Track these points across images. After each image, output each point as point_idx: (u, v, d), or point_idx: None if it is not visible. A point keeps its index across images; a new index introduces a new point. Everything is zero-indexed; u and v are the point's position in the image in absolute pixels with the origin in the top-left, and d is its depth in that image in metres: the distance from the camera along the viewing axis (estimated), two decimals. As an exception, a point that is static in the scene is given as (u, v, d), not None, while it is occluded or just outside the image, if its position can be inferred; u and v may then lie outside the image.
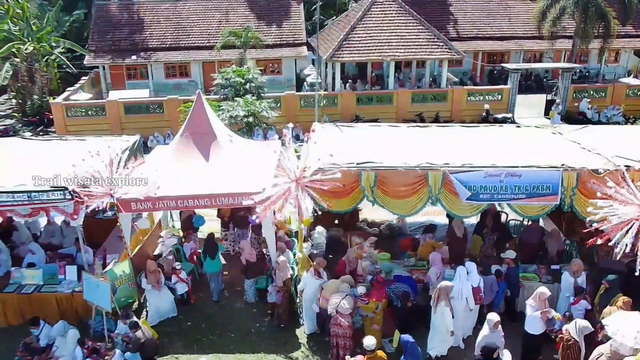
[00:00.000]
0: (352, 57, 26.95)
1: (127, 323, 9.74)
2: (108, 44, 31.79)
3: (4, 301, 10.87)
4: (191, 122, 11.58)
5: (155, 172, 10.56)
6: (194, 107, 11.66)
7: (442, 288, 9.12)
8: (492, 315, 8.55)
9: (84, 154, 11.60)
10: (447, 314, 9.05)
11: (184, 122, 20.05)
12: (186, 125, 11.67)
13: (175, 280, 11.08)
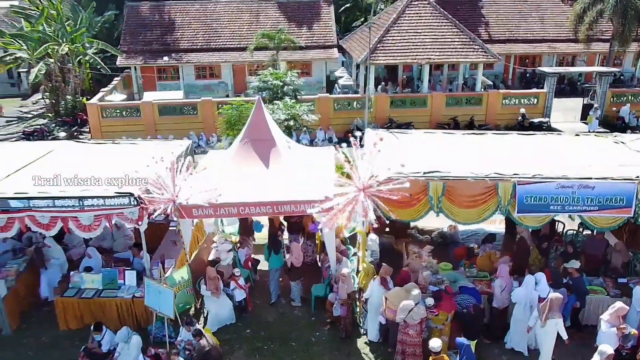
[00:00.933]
0: (386, 59, 26.76)
1: (190, 330, 9.68)
2: (140, 45, 31.99)
3: (64, 305, 10.86)
4: (250, 128, 11.49)
5: (217, 178, 10.45)
6: (253, 113, 11.57)
7: (554, 299, 8.90)
8: (605, 347, 8.21)
9: (141, 158, 11.69)
10: (561, 327, 8.85)
11: (223, 125, 20.37)
12: (245, 132, 11.57)
13: (233, 286, 11.00)
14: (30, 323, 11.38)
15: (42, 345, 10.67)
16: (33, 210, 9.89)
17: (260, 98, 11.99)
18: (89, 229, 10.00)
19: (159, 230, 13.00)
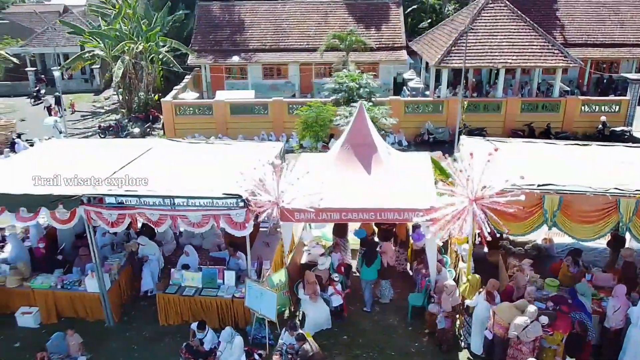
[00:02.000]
0: (461, 62, 26.09)
1: (293, 335, 9.67)
2: (210, 45, 32.59)
3: (166, 301, 11.10)
4: (352, 133, 11.40)
5: (318, 182, 10.40)
6: (355, 117, 11.47)
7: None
8: None
9: (241, 158, 11.83)
10: None
11: (299, 125, 20.44)
12: (347, 136, 11.48)
13: (331, 291, 10.95)
14: (130, 316, 11.70)
15: (145, 339, 10.93)
16: (144, 208, 10.13)
17: (362, 103, 11.88)
18: (198, 226, 10.16)
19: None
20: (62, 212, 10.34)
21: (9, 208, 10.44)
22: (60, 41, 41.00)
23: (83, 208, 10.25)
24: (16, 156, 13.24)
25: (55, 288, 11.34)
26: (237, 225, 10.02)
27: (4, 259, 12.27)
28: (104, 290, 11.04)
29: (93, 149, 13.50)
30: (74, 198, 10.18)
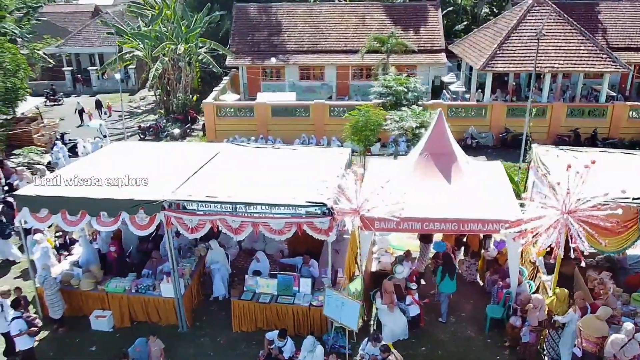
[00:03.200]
0: (506, 67, 25.83)
1: (376, 345, 9.54)
2: (248, 46, 32.62)
3: (240, 308, 11.04)
4: (431, 141, 11.23)
5: (396, 191, 10.21)
6: (434, 125, 11.30)
7: None
8: None
9: (312, 164, 11.74)
10: None
11: (348, 129, 20.25)
12: (426, 144, 11.32)
13: (409, 301, 10.79)
14: (202, 322, 11.66)
15: (220, 346, 10.89)
16: (225, 214, 10.07)
17: (441, 111, 11.67)
18: (280, 233, 10.07)
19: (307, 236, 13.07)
20: (142, 217, 10.33)
21: (90, 212, 10.46)
22: (95, 41, 41.40)
23: (164, 213, 10.22)
24: (84, 159, 13.27)
25: (130, 292, 11.34)
26: (321, 231, 9.91)
27: (75, 261, 12.32)
28: (180, 295, 11.01)
29: (160, 153, 13.50)
30: (156, 203, 10.17)
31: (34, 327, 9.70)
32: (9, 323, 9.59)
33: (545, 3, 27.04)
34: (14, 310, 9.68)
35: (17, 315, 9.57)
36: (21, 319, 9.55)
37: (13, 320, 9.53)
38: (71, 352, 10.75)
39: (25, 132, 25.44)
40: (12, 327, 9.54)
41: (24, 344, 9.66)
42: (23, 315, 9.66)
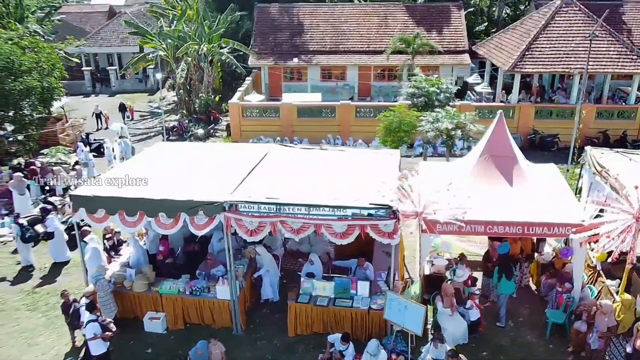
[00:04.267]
0: (536, 68, 25.64)
1: (439, 347, 9.40)
2: (270, 46, 32.51)
3: (297, 311, 10.90)
4: (491, 143, 11.09)
5: (456, 194, 10.05)
6: (494, 128, 11.15)
7: None
8: None
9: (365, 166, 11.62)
10: None
11: (382, 130, 20.11)
12: (485, 146, 11.17)
13: (470, 304, 10.63)
14: (255, 324, 11.53)
15: (277, 349, 10.75)
16: (287, 216, 9.94)
17: (501, 112, 11.52)
18: (342, 236, 9.91)
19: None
20: (201, 218, 10.21)
21: (149, 213, 10.35)
22: (114, 41, 41.40)
23: (224, 215, 10.09)
24: (133, 160, 13.17)
25: (184, 294, 11.21)
26: (385, 234, 9.76)
27: (125, 263, 12.21)
28: (236, 297, 10.88)
29: (206, 153, 13.38)
30: (216, 205, 10.04)
31: (108, 331, 9.56)
32: (85, 326, 9.44)
33: (574, 4, 26.84)
34: (89, 313, 9.54)
35: (92, 319, 9.43)
36: (96, 322, 9.42)
37: (88, 323, 9.39)
38: (126, 354, 10.63)
39: (50, 131, 25.39)
40: (87, 331, 9.39)
41: (98, 349, 9.51)
42: (98, 319, 9.52)
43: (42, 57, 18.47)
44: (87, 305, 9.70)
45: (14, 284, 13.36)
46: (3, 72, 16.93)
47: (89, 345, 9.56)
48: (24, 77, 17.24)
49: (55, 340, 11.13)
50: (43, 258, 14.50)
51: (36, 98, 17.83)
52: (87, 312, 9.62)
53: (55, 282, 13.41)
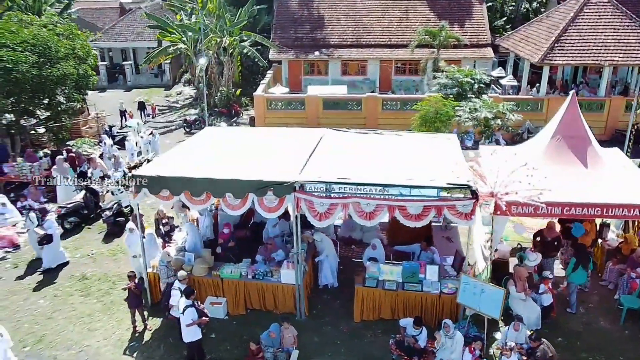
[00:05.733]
0: (565, 60, 25.39)
1: (520, 329, 9.17)
2: (290, 40, 32.23)
3: (365, 296, 10.64)
4: (563, 124, 10.85)
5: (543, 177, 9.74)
6: (567, 109, 10.91)
7: None
8: None
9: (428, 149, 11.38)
10: None
11: (417, 121, 19.86)
12: (558, 128, 10.93)
13: (543, 289, 10.37)
14: (318, 310, 11.27)
15: (345, 334, 10.48)
16: (360, 197, 9.67)
17: (574, 93, 11.29)
18: (417, 219, 9.64)
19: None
20: (270, 199, 9.94)
21: (215, 193, 10.08)
22: (129, 36, 41.13)
23: (294, 195, 9.81)
24: (183, 144, 12.89)
25: (246, 278, 10.94)
26: (461, 215, 9.49)
27: (181, 247, 11.93)
28: (301, 281, 10.61)
29: (258, 137, 13.11)
30: (287, 185, 9.77)
31: (204, 316, 9.25)
32: (182, 312, 9.04)
33: (603, -4, 26.60)
34: (185, 299, 9.20)
35: (189, 304, 9.09)
36: (193, 307, 9.10)
37: (186, 309, 9.01)
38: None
39: (73, 123, 25.07)
40: (185, 317, 9.02)
41: (194, 335, 9.18)
42: (195, 305, 9.21)
43: (77, 44, 18.16)
44: (185, 291, 9.34)
45: (61, 270, 13.05)
46: (41, 58, 16.60)
47: (184, 332, 9.19)
48: (60, 63, 16.92)
49: (115, 325, 10.85)
50: (90, 245, 14.22)
51: (72, 85, 17.50)
52: (184, 297, 9.24)
53: (103, 268, 13.10)
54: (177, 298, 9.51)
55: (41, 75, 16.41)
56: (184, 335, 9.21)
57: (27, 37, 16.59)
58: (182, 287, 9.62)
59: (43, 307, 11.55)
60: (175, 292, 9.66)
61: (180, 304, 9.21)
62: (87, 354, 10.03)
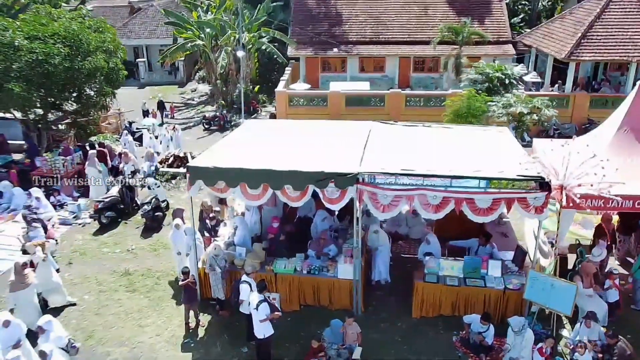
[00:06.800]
0: (592, 55, 25.12)
1: (592, 326, 8.86)
2: (308, 37, 31.92)
3: (425, 291, 10.32)
4: (631, 115, 10.54)
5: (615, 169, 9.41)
6: (633, 100, 10.60)
7: None
8: None
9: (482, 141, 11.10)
10: None
11: (449, 115, 19.55)
12: (625, 119, 10.63)
13: (608, 284, 10.05)
14: (373, 307, 10.95)
15: (404, 331, 10.18)
16: (425, 189, 9.35)
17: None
18: (485, 213, 9.32)
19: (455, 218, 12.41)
20: (332, 191, 9.62)
21: (273, 185, 9.76)
22: (142, 34, 40.84)
23: (357, 187, 9.50)
24: (230, 136, 12.58)
25: (300, 273, 10.63)
26: (531, 209, 9.17)
27: (230, 242, 11.61)
28: (359, 277, 10.29)
29: (306, 130, 12.78)
30: (350, 176, 9.46)
31: (277, 311, 8.93)
32: (256, 308, 8.70)
33: (629, -9, 26.32)
34: (258, 294, 8.87)
35: (262, 299, 8.76)
36: (266, 302, 8.77)
37: (260, 304, 8.67)
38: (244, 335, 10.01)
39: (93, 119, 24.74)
40: (259, 312, 8.68)
41: (266, 331, 8.85)
42: (267, 299, 8.88)
43: (107, 37, 17.84)
44: (258, 285, 9.00)
45: (104, 265, 12.74)
46: (72, 50, 16.27)
47: (257, 328, 8.87)
48: (91, 56, 16.60)
49: (165, 321, 10.54)
50: (129, 240, 13.90)
51: (102, 78, 17.17)
52: (257, 292, 8.92)
53: (146, 264, 12.78)
54: (246, 293, 9.17)
55: (73, 68, 16.10)
56: (257, 331, 8.88)
57: (59, 29, 16.29)
58: (252, 281, 9.29)
59: (89, 302, 11.24)
60: (244, 286, 9.32)
61: (252, 299, 8.88)
62: (141, 351, 9.72)
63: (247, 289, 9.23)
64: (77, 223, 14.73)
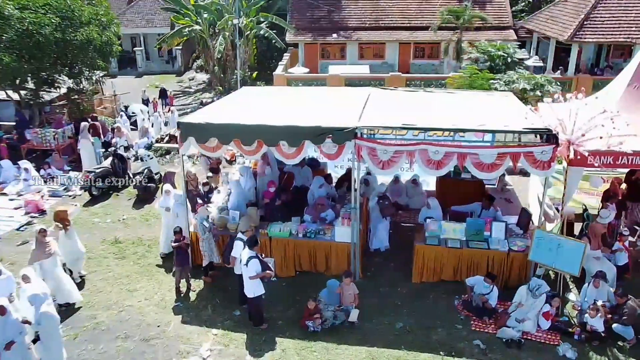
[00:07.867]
0: (595, 37, 24.73)
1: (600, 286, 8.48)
2: (307, 22, 31.53)
3: (426, 254, 9.90)
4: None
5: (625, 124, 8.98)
6: (642, 55, 10.19)
7: None
8: None
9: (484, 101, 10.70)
10: None
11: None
12: (634, 74, 10.23)
13: (617, 246, 9.73)
14: (371, 272, 10.53)
15: (405, 296, 9.75)
16: (428, 143, 8.93)
17: None
18: (490, 169, 8.88)
19: (460, 186, 12.06)
20: (329, 146, 9.20)
21: (268, 141, 9.34)
22: (139, 22, 40.38)
23: (355, 142, 9.08)
24: (223, 100, 12.19)
25: (296, 237, 10.20)
26: (539, 164, 8.74)
27: (223, 207, 11.20)
28: (357, 240, 9.86)
29: (304, 94, 12.41)
30: (347, 130, 9.04)
31: (269, 269, 8.51)
32: (245, 264, 8.25)
33: (633, -27, 25.91)
34: (249, 250, 8.43)
35: (252, 255, 8.33)
36: (257, 259, 8.34)
37: (250, 260, 8.22)
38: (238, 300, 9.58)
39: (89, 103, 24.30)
40: (248, 269, 8.22)
41: (257, 289, 8.43)
42: (259, 256, 8.46)
43: (100, 9, 17.42)
44: (249, 241, 8.57)
45: (94, 234, 12.31)
46: (64, 21, 15.84)
47: (246, 286, 8.44)
48: (83, 28, 16.16)
49: (155, 286, 10.13)
50: (121, 210, 13.48)
51: (95, 51, 16.74)
52: (247, 248, 8.48)
53: (137, 233, 12.36)
54: (239, 249, 8.75)
55: (64, 39, 15.67)
56: (246, 289, 8.47)
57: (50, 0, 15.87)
58: (245, 238, 8.87)
59: (76, 269, 10.78)
60: (238, 243, 8.90)
61: (243, 255, 8.46)
62: (128, 314, 9.28)
63: (240, 245, 8.80)
64: (67, 195, 14.30)
